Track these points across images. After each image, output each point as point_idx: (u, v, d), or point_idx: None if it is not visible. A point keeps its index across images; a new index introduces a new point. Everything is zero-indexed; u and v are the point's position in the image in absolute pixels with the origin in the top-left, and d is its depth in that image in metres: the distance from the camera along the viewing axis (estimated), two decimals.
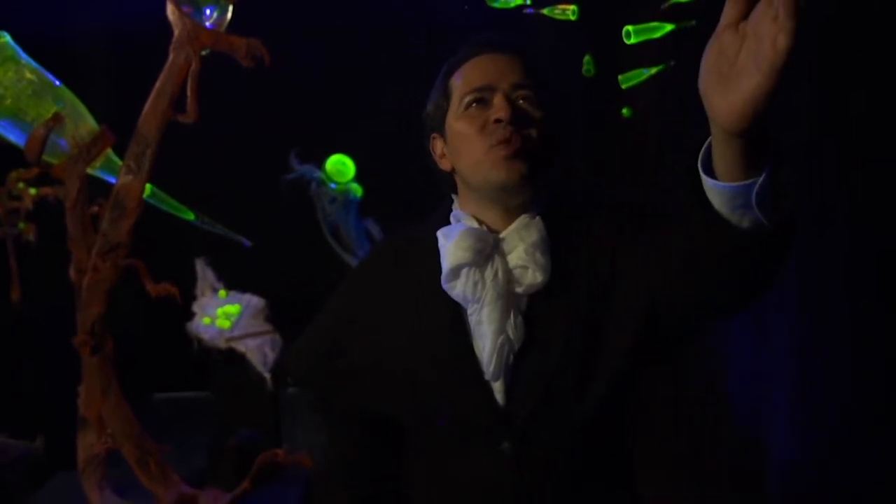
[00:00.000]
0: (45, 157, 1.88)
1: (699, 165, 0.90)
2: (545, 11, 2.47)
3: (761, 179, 0.85)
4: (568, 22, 2.54)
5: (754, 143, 0.83)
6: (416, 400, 1.21)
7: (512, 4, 2.16)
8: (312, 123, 3.10)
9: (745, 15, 0.77)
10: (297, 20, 3.05)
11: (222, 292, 2.64)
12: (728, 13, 0.79)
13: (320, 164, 2.84)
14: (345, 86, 3.16)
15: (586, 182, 2.92)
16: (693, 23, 2.25)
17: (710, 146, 0.89)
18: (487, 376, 1.14)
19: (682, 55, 2.50)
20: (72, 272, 1.99)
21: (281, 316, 2.73)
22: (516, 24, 2.40)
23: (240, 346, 2.49)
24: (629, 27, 2.19)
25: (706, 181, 0.90)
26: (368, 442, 1.32)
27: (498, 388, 1.15)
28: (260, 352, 2.50)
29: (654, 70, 2.63)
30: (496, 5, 2.17)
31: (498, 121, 1.12)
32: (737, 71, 0.77)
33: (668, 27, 2.21)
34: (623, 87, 2.67)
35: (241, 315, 2.56)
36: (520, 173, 1.13)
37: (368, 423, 1.30)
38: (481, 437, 1.17)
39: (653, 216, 1.17)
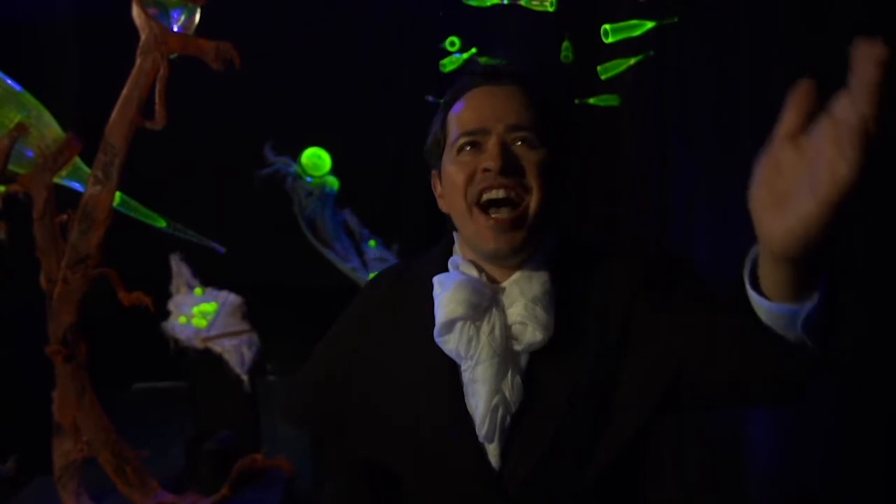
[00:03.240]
0: (11, 167, 1.83)
1: (746, 274, 0.80)
2: (522, 3, 2.42)
3: (809, 308, 0.75)
4: (546, 13, 2.50)
5: (807, 267, 0.72)
6: (410, 453, 1.12)
7: (488, 3, 2.10)
8: (286, 118, 3.05)
9: (806, 126, 0.65)
10: (266, 18, 2.99)
11: (198, 290, 2.60)
12: (786, 122, 0.66)
13: (296, 157, 2.80)
14: (318, 81, 3.12)
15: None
16: (676, 20, 2.22)
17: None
18: (481, 438, 1.04)
19: (662, 45, 2.47)
20: (42, 281, 1.95)
21: (258, 311, 2.71)
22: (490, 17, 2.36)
23: (216, 347, 2.46)
24: (607, 26, 2.14)
25: (751, 293, 0.80)
26: (369, 489, 1.21)
27: (492, 450, 1.05)
28: (237, 352, 2.47)
29: (633, 60, 2.60)
30: (472, 3, 2.12)
31: (487, 170, 1.01)
32: (792, 191, 0.65)
33: (648, 24, 2.16)
34: (602, 78, 2.63)
35: (217, 313, 2.52)
36: (511, 245, 1.02)
37: (370, 469, 1.20)
38: (474, 502, 1.07)
39: (683, 274, 1.03)
